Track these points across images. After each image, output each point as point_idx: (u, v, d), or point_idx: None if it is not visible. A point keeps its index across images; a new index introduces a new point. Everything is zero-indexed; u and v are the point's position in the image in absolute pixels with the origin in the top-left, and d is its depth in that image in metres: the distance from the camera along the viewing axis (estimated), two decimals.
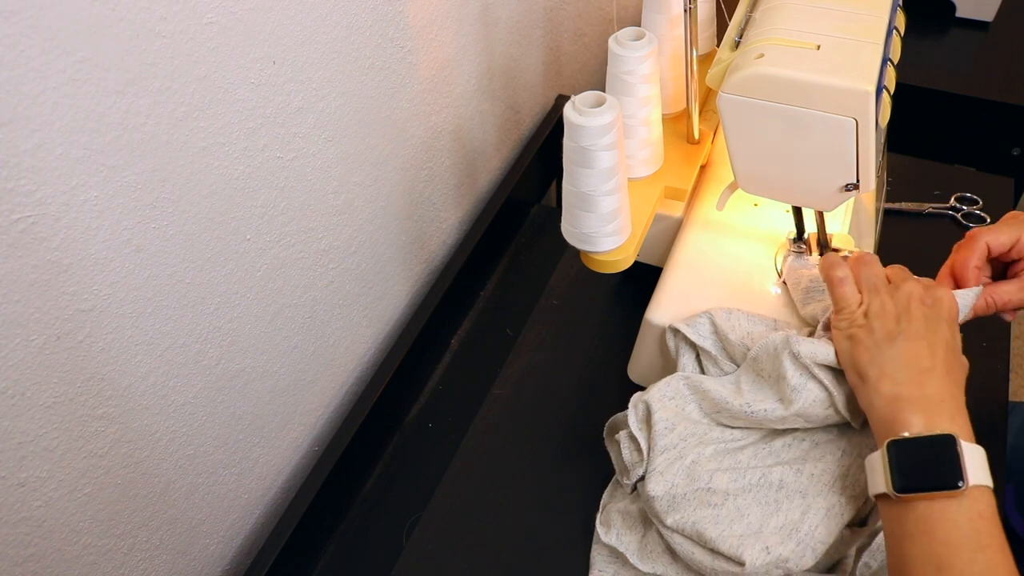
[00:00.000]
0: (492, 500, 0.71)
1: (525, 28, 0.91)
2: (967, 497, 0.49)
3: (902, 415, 0.52)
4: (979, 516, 0.49)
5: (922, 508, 0.50)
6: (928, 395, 0.53)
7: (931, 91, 1.16)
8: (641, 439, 0.62)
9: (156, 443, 0.56)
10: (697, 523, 0.59)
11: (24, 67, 0.39)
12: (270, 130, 0.57)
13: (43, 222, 0.43)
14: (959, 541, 0.48)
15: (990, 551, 0.48)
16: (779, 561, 0.56)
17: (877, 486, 0.52)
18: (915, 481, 0.50)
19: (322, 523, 0.70)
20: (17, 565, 0.48)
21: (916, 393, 0.53)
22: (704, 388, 0.63)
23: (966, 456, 0.49)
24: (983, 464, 0.50)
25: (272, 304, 0.63)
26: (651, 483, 0.60)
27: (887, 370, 0.54)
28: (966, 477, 0.49)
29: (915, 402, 0.52)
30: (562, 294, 0.87)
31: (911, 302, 0.57)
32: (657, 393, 0.63)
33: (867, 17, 0.61)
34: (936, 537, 0.49)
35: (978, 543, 0.48)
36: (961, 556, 0.48)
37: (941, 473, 0.49)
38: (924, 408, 0.52)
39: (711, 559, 0.58)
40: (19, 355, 0.44)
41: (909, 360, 0.54)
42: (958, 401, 0.53)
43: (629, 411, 0.63)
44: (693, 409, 0.64)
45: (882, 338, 0.56)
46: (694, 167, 0.74)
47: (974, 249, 0.63)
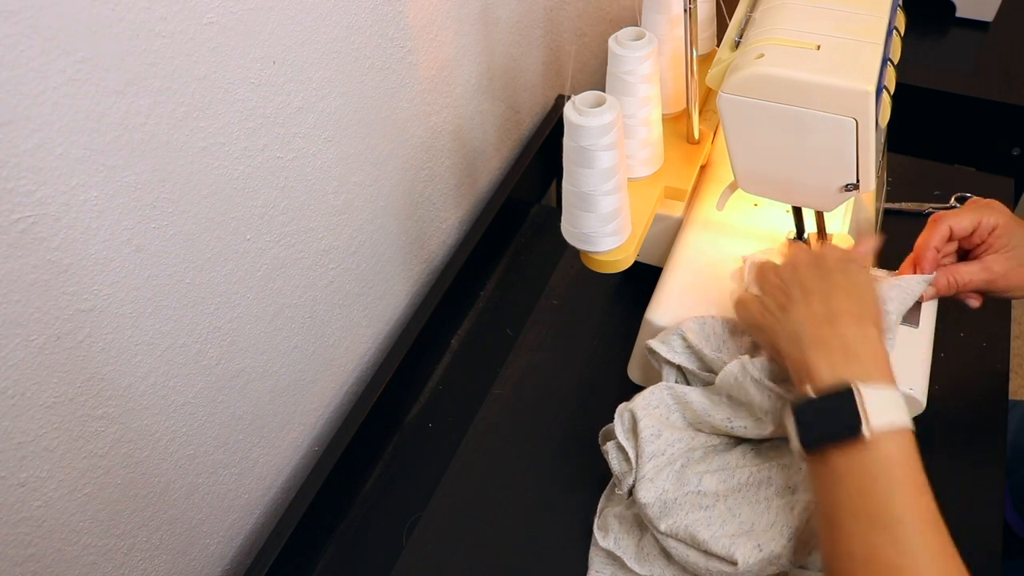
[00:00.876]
0: (492, 500, 0.71)
1: (525, 28, 0.91)
2: (874, 443, 0.49)
3: (808, 372, 0.53)
4: (889, 460, 0.49)
5: (834, 459, 0.50)
6: (831, 346, 0.53)
7: (931, 91, 1.16)
8: (628, 448, 0.62)
9: (156, 443, 0.56)
10: (690, 526, 0.59)
11: (24, 67, 0.39)
12: (270, 130, 0.57)
13: (43, 222, 0.43)
14: (869, 487, 0.48)
15: (904, 494, 0.48)
16: (772, 558, 0.56)
17: (793, 445, 0.53)
18: (818, 436, 0.51)
19: (322, 523, 0.70)
20: (17, 565, 0.48)
21: (818, 345, 0.53)
22: (687, 400, 0.63)
23: (869, 402, 0.49)
24: (892, 406, 0.50)
25: (272, 304, 0.63)
26: (642, 490, 0.61)
27: (792, 337, 0.55)
28: (868, 423, 0.49)
29: (819, 355, 0.53)
30: (562, 294, 0.87)
31: (797, 270, 0.58)
32: (641, 402, 0.64)
33: (867, 17, 0.61)
34: (850, 486, 0.49)
35: (889, 487, 0.48)
36: (872, 502, 0.48)
37: (841, 424, 0.50)
38: (828, 359, 0.53)
39: (705, 560, 0.58)
40: (19, 355, 0.44)
41: (808, 318, 0.55)
42: (869, 341, 0.53)
43: (615, 421, 0.64)
44: (677, 418, 0.64)
45: (778, 311, 0.57)
46: (694, 167, 0.74)
47: (936, 231, 0.64)
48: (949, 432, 0.71)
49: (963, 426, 0.72)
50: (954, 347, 0.77)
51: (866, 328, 0.54)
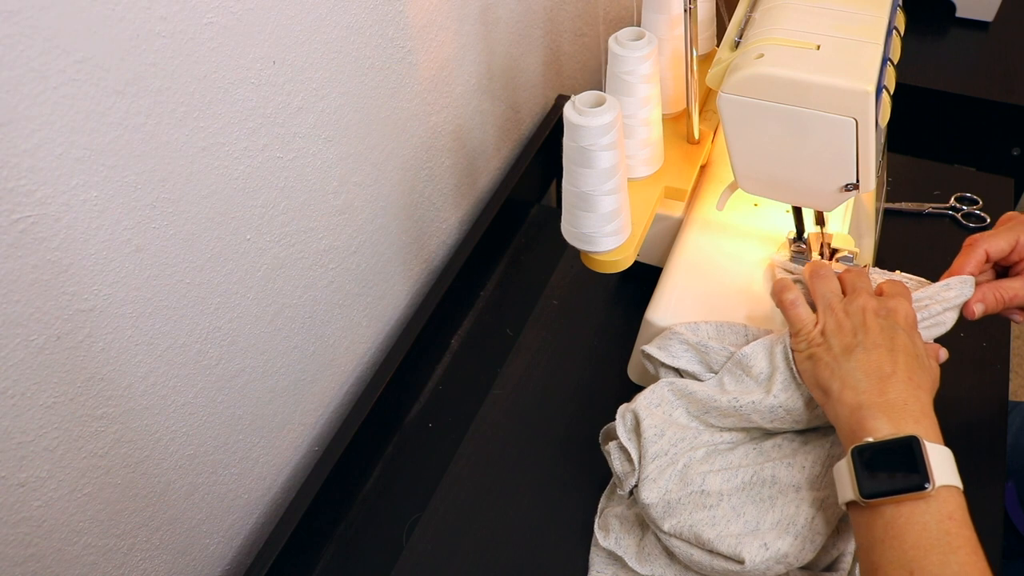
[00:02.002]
0: (492, 500, 0.71)
1: (525, 28, 0.91)
2: (935, 499, 0.48)
3: (866, 422, 0.52)
4: (948, 517, 0.48)
5: (890, 513, 0.49)
6: (890, 400, 0.53)
7: (931, 91, 1.16)
8: (631, 448, 0.62)
9: (156, 443, 0.56)
10: (694, 526, 0.59)
11: (24, 67, 0.39)
12: (270, 130, 0.57)
13: (43, 222, 0.43)
14: (929, 544, 0.47)
15: (962, 553, 0.47)
16: (779, 556, 0.56)
17: (845, 494, 0.52)
18: (881, 485, 0.50)
19: (322, 523, 0.70)
20: (17, 565, 0.48)
21: (878, 399, 0.53)
22: (690, 391, 0.63)
23: (931, 457, 0.49)
24: (950, 465, 0.50)
25: (272, 304, 0.63)
26: (645, 490, 0.60)
27: (848, 381, 0.54)
28: (932, 478, 0.48)
29: (878, 408, 0.52)
30: (562, 294, 0.87)
31: (866, 315, 0.57)
32: (643, 401, 0.63)
33: (867, 17, 0.61)
34: (906, 541, 0.48)
35: (949, 545, 0.47)
36: (932, 559, 0.47)
37: (906, 476, 0.49)
38: (887, 413, 0.52)
39: (710, 559, 0.58)
40: (19, 355, 0.44)
41: (869, 369, 0.54)
42: (922, 404, 0.53)
43: (617, 421, 0.64)
44: (680, 414, 0.64)
45: (840, 352, 0.56)
46: (694, 167, 0.74)
47: (971, 256, 0.63)
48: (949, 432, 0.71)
49: (963, 426, 0.72)
50: (954, 347, 0.77)
51: (920, 393, 0.53)
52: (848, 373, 0.55)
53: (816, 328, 0.59)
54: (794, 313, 0.60)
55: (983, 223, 0.89)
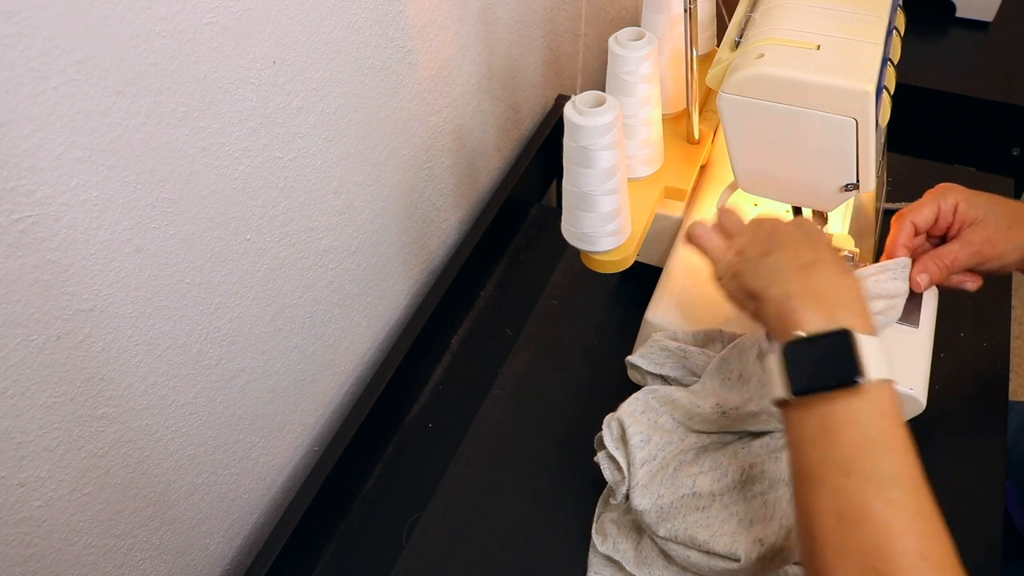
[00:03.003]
0: (492, 500, 0.71)
1: (525, 28, 0.91)
2: (869, 395, 0.46)
3: (796, 314, 0.49)
4: (882, 414, 0.46)
5: (823, 409, 0.46)
6: (818, 288, 0.50)
7: (931, 91, 1.16)
8: (619, 457, 0.62)
9: (156, 443, 0.56)
10: (688, 528, 0.59)
11: (24, 67, 0.39)
12: (270, 130, 0.57)
13: (43, 222, 0.43)
14: (863, 442, 0.45)
15: (897, 452, 0.45)
16: (774, 552, 0.56)
17: (776, 391, 0.49)
18: (812, 380, 0.47)
19: (322, 523, 0.70)
20: (17, 565, 0.48)
21: (805, 288, 0.50)
22: (673, 399, 0.63)
23: (864, 350, 0.46)
24: (880, 356, 0.47)
25: (272, 304, 0.63)
26: (637, 498, 0.61)
27: (772, 276, 0.52)
28: (865, 372, 0.46)
29: (806, 296, 0.50)
30: (562, 294, 0.87)
31: (777, 225, 0.56)
32: (628, 408, 0.63)
33: (867, 17, 0.61)
34: (840, 439, 0.45)
35: (884, 444, 0.45)
36: (868, 458, 0.45)
37: (839, 369, 0.46)
38: (817, 302, 0.49)
39: (707, 559, 0.58)
40: (19, 355, 0.44)
41: (790, 260, 0.52)
42: (853, 291, 0.50)
43: (604, 431, 0.64)
44: (666, 420, 0.64)
45: (758, 257, 0.54)
46: (694, 167, 0.74)
47: (900, 229, 0.63)
48: (949, 432, 0.71)
49: (963, 426, 0.72)
50: (954, 347, 0.77)
51: (849, 279, 0.51)
52: (770, 268, 0.52)
53: (731, 251, 0.57)
54: (708, 245, 0.59)
55: None
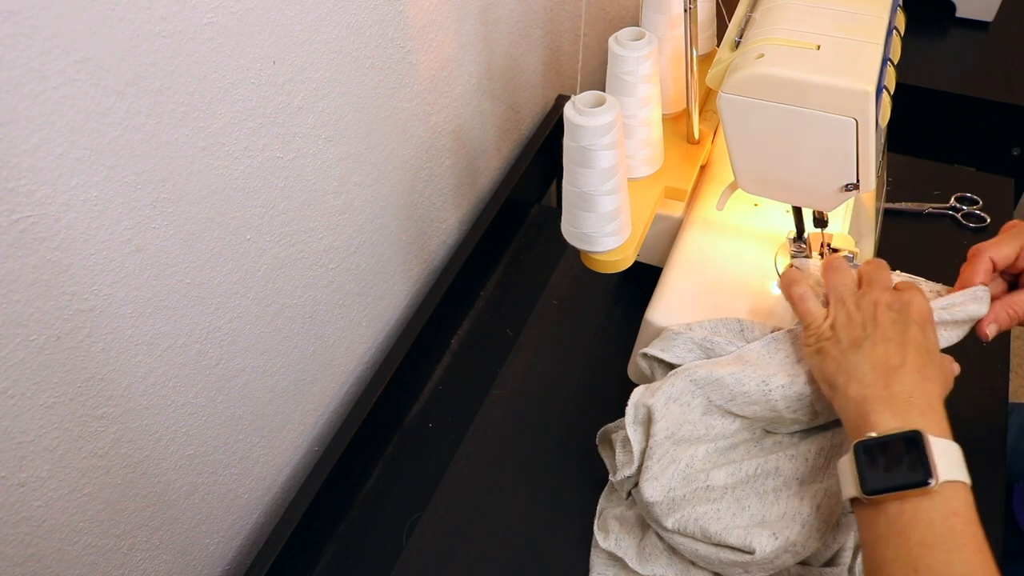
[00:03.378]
0: (492, 500, 0.71)
1: (525, 28, 0.91)
2: (939, 495, 0.47)
3: (870, 416, 0.51)
4: (953, 514, 0.47)
5: (893, 509, 0.48)
6: (895, 393, 0.52)
7: (931, 91, 1.16)
8: (635, 441, 0.62)
9: (156, 443, 0.56)
10: (699, 519, 0.58)
11: (24, 67, 0.39)
12: (270, 130, 0.57)
13: (43, 222, 0.43)
14: (934, 541, 0.46)
15: (967, 551, 0.46)
16: (788, 545, 0.56)
17: (848, 490, 0.51)
18: (883, 481, 0.49)
19: (322, 523, 0.70)
20: (17, 565, 0.48)
21: (883, 392, 0.52)
22: (715, 377, 0.61)
23: (935, 452, 0.48)
24: (956, 460, 0.49)
25: (272, 304, 0.63)
26: (648, 489, 0.60)
27: (854, 374, 0.54)
28: (936, 473, 0.47)
29: (882, 401, 0.51)
30: (562, 294, 0.87)
31: (877, 308, 0.56)
32: (662, 398, 0.61)
33: (867, 17, 0.61)
34: (910, 538, 0.47)
35: (954, 543, 0.46)
36: (936, 556, 0.46)
37: (909, 471, 0.48)
38: (891, 406, 0.51)
39: (716, 551, 0.58)
40: (19, 355, 0.44)
41: (875, 362, 0.53)
42: (929, 397, 0.52)
43: (628, 409, 0.62)
44: (698, 404, 0.62)
45: (848, 346, 0.55)
46: (694, 167, 0.74)
47: (978, 265, 0.62)
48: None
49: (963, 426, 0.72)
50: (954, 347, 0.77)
51: (928, 386, 0.52)
52: (855, 366, 0.54)
53: (826, 322, 0.58)
54: (803, 307, 0.60)
55: (983, 223, 0.89)
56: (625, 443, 0.63)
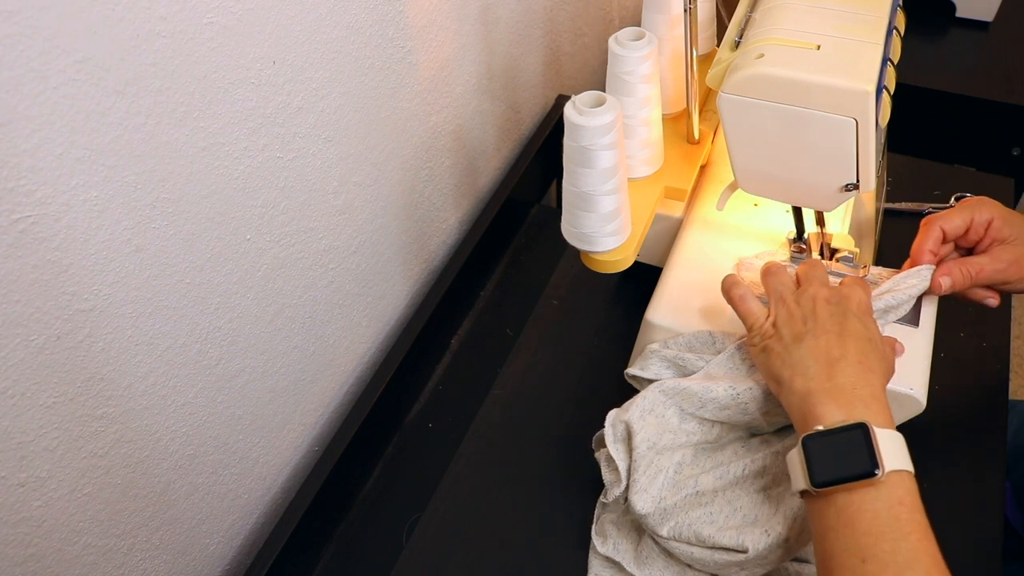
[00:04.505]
0: (492, 500, 0.71)
1: (525, 28, 0.91)
2: (885, 485, 0.48)
3: (815, 409, 0.52)
4: (899, 503, 0.48)
5: (841, 500, 0.49)
6: (839, 385, 0.53)
7: (931, 91, 1.16)
8: (619, 459, 0.62)
9: (156, 443, 0.56)
10: (692, 524, 0.59)
11: (24, 67, 0.39)
12: (270, 130, 0.57)
13: (43, 222, 0.43)
14: (880, 530, 0.47)
15: (913, 538, 0.47)
16: (780, 541, 0.56)
17: (798, 483, 0.52)
18: (831, 473, 0.50)
19: (322, 523, 0.70)
20: (17, 565, 0.48)
21: (826, 385, 0.53)
22: (682, 387, 0.63)
23: (880, 442, 0.49)
24: (901, 449, 0.50)
25: (272, 304, 0.63)
26: (639, 501, 0.60)
27: (798, 368, 0.55)
28: (881, 464, 0.48)
29: (826, 393, 0.52)
30: (562, 294, 0.87)
31: (816, 303, 0.57)
32: (637, 411, 0.63)
33: (867, 17, 0.61)
34: (858, 528, 0.48)
35: (900, 531, 0.47)
36: (883, 545, 0.47)
37: (856, 462, 0.49)
38: (836, 398, 0.52)
39: (711, 554, 0.59)
40: (19, 355, 0.44)
41: (817, 355, 0.54)
42: (872, 387, 0.53)
43: (606, 430, 0.63)
44: (673, 413, 0.63)
45: (791, 341, 0.56)
46: (694, 167, 0.74)
47: (928, 233, 0.64)
48: (949, 432, 0.71)
49: (963, 426, 0.72)
50: (954, 347, 0.77)
51: (871, 377, 0.53)
52: (798, 360, 0.55)
53: (768, 320, 0.59)
54: (744, 308, 0.61)
55: None
56: (609, 461, 0.63)
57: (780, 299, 0.60)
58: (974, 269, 0.64)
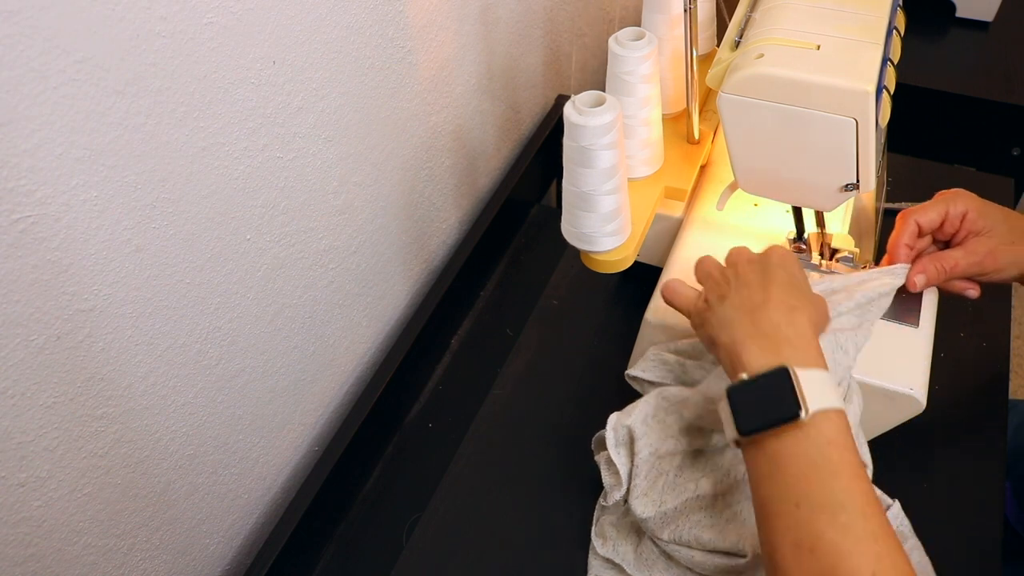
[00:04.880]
0: (492, 500, 0.71)
1: (525, 28, 0.91)
2: (812, 426, 0.48)
3: (740, 356, 0.52)
4: (828, 443, 0.47)
5: (771, 446, 0.49)
6: (763, 330, 0.52)
7: (931, 91, 1.16)
8: (620, 462, 0.62)
9: (156, 443, 0.56)
10: (693, 528, 0.59)
11: (24, 67, 0.39)
12: (270, 130, 0.57)
13: (43, 222, 0.43)
14: (811, 472, 0.47)
15: (844, 478, 0.46)
16: None
17: (729, 433, 0.51)
18: (757, 420, 0.49)
19: (322, 523, 0.70)
20: (17, 565, 0.48)
21: (751, 331, 0.52)
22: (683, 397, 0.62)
23: (804, 383, 0.48)
24: (826, 388, 0.49)
25: (272, 304, 0.63)
26: (639, 506, 0.60)
27: (724, 322, 0.54)
28: (805, 405, 0.47)
29: (750, 338, 0.52)
30: (562, 294, 0.87)
31: (738, 265, 0.57)
32: (639, 416, 0.62)
33: (867, 17, 0.61)
34: (789, 472, 0.47)
35: (830, 471, 0.47)
36: (814, 488, 0.46)
37: (779, 407, 0.48)
38: (760, 343, 0.51)
39: (711, 558, 0.58)
40: (19, 355, 0.44)
41: (739, 304, 0.54)
42: (798, 327, 0.52)
43: (607, 433, 0.63)
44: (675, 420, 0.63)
45: (716, 302, 0.56)
46: (694, 167, 0.74)
47: (903, 228, 0.64)
48: (949, 432, 0.71)
49: (963, 426, 0.72)
50: (954, 347, 0.77)
51: (796, 315, 0.52)
52: (723, 316, 0.55)
53: (700, 299, 0.58)
54: (678, 301, 0.61)
55: None
56: (609, 464, 0.63)
57: (707, 275, 0.59)
58: (948, 264, 0.64)
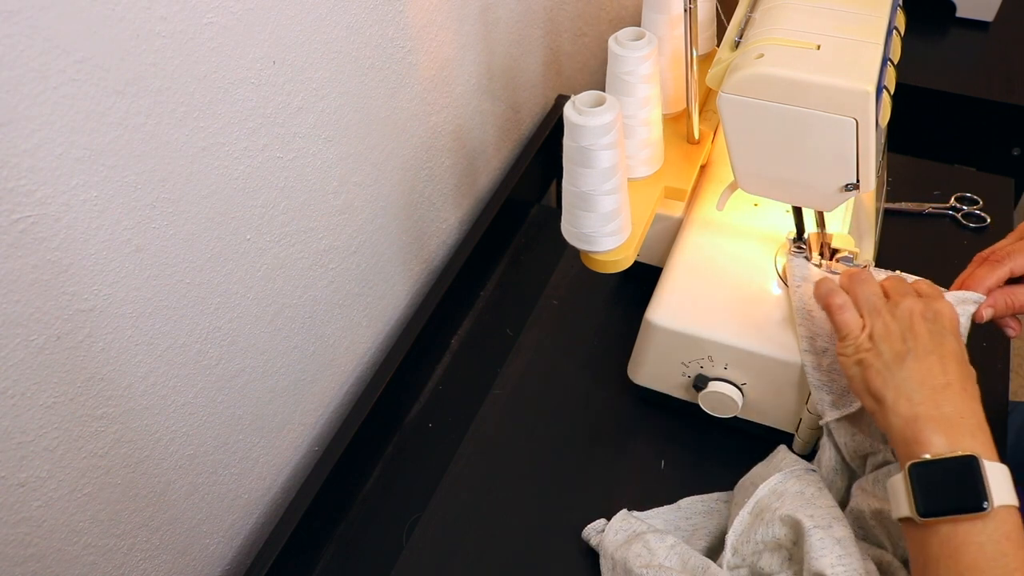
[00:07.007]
0: (492, 500, 0.71)
1: (525, 28, 0.91)
2: (992, 519, 0.48)
3: (922, 435, 0.51)
4: (1005, 538, 0.47)
5: (946, 531, 0.49)
6: (946, 413, 0.52)
7: (931, 91, 1.16)
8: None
9: (156, 443, 0.56)
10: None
11: (24, 67, 0.39)
12: (270, 130, 0.57)
13: (43, 222, 0.43)
14: (985, 564, 0.47)
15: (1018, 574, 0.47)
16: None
17: (900, 510, 0.51)
18: (938, 504, 0.49)
19: (322, 523, 0.70)
20: (17, 565, 0.48)
21: (934, 412, 0.52)
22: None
23: (989, 476, 0.48)
24: (1008, 483, 0.49)
25: (272, 304, 0.63)
26: None
27: (903, 391, 0.53)
28: (991, 498, 0.48)
29: (934, 421, 0.51)
30: (562, 294, 0.87)
31: (913, 318, 0.56)
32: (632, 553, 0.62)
33: (867, 17, 0.61)
34: (961, 561, 0.47)
35: (1005, 567, 0.47)
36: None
37: (965, 495, 0.48)
38: (944, 427, 0.51)
39: None
40: (19, 355, 0.44)
41: (923, 378, 0.53)
42: (978, 418, 0.52)
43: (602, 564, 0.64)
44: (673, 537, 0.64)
45: (891, 359, 0.55)
46: (694, 167, 0.74)
47: (995, 273, 0.62)
48: None
49: None
50: None
51: (975, 405, 0.53)
52: (902, 382, 0.54)
53: (864, 333, 0.57)
54: (841, 318, 0.59)
55: (983, 223, 0.89)
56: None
57: (874, 310, 0.58)
58: (1019, 301, 0.62)
